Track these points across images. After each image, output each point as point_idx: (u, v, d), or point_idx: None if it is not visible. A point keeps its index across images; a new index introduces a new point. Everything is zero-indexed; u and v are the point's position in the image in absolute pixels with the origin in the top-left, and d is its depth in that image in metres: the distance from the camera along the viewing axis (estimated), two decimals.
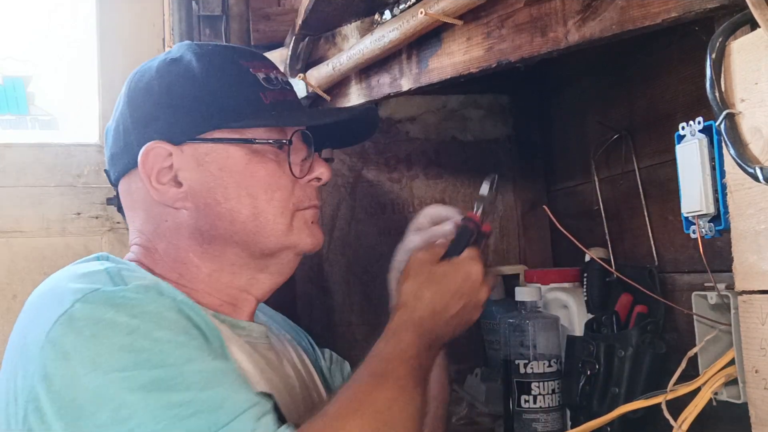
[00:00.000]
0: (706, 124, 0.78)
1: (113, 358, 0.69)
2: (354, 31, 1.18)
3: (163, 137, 0.87)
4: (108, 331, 0.71)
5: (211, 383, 0.70)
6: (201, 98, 0.87)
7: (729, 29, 0.68)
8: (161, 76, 0.90)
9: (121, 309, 0.72)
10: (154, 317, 0.73)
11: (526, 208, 1.55)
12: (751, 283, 0.69)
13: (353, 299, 1.45)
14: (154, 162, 0.87)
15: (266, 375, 0.86)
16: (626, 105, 1.21)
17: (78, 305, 0.72)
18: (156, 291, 0.77)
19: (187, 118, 0.87)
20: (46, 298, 0.78)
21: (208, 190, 0.87)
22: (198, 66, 0.89)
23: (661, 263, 1.12)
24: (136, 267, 0.86)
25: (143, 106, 0.89)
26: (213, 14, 1.44)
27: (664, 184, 1.10)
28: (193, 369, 0.70)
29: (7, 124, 1.52)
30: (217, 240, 0.88)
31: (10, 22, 1.49)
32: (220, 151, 0.87)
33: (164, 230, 0.89)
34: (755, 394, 0.70)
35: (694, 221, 0.79)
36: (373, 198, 1.48)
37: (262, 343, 0.92)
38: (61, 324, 0.72)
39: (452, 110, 1.54)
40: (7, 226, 1.38)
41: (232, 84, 0.88)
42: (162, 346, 0.71)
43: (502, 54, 0.91)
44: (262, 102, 0.89)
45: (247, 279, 0.91)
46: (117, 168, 0.92)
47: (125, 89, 0.93)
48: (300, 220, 0.90)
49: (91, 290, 0.74)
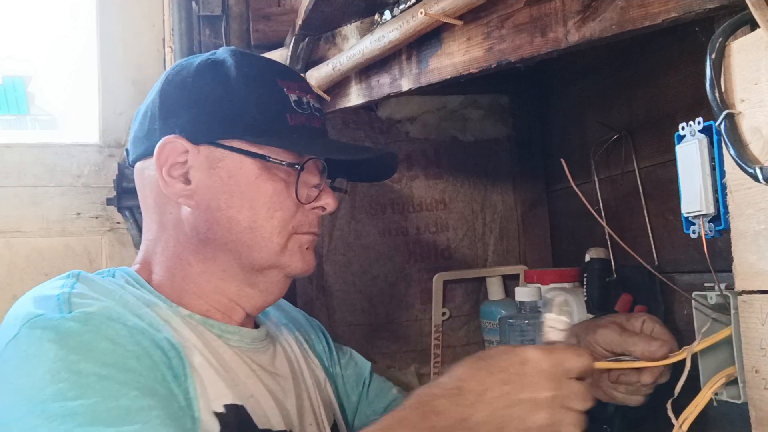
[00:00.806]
0: (706, 124, 0.78)
1: (36, 387, 0.70)
2: (354, 32, 1.18)
3: (184, 133, 0.89)
4: (36, 359, 0.72)
5: (122, 421, 0.70)
6: (228, 106, 0.89)
7: (729, 29, 0.68)
8: (198, 74, 0.91)
9: (52, 338, 0.73)
10: (82, 348, 0.73)
11: (526, 208, 1.55)
12: (751, 283, 0.69)
13: (353, 299, 1.45)
14: (169, 155, 0.89)
15: (245, 384, 0.86)
16: (626, 105, 1.21)
17: (24, 330, 0.74)
18: (103, 316, 0.76)
19: (210, 121, 0.89)
20: (9, 317, 0.80)
21: (214, 193, 0.88)
22: (235, 73, 0.90)
23: (661, 263, 1.12)
24: (107, 286, 0.85)
25: (173, 98, 0.91)
26: (213, 14, 1.44)
27: (664, 184, 1.10)
28: (108, 405, 0.70)
29: (7, 124, 1.52)
30: (212, 243, 0.90)
31: (10, 22, 1.49)
32: (234, 160, 0.88)
33: (167, 221, 0.92)
34: (755, 394, 0.70)
35: (694, 221, 0.79)
36: (373, 198, 1.48)
37: (254, 348, 0.92)
38: (9, 347, 0.74)
39: (452, 110, 1.54)
40: (7, 226, 1.38)
41: (261, 99, 0.90)
42: (83, 379, 0.71)
43: (502, 54, 0.91)
44: (287, 123, 0.90)
45: (236, 289, 0.92)
46: (137, 150, 0.94)
47: (162, 78, 0.95)
48: (295, 243, 0.91)
49: (35, 315, 0.75)
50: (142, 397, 0.72)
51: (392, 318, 1.47)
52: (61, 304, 0.78)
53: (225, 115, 0.89)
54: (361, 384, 1.10)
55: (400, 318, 1.47)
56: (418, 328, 1.48)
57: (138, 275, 0.91)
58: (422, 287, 1.48)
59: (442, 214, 1.51)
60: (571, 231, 1.46)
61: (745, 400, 0.72)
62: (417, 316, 1.48)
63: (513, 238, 1.55)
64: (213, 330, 0.89)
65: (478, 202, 1.53)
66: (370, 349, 1.42)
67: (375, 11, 1.12)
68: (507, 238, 1.54)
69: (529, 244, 1.55)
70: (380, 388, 1.11)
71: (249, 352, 0.91)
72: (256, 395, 0.87)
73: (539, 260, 1.53)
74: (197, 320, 0.88)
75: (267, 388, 0.89)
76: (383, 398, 1.10)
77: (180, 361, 0.80)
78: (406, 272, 1.48)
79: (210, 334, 0.88)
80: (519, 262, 1.53)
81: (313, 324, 1.12)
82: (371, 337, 1.46)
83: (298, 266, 0.92)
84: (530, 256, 1.54)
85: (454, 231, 1.52)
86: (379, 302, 1.46)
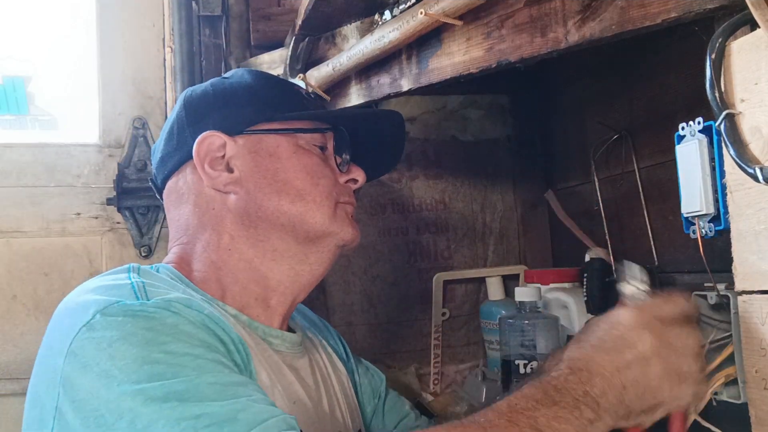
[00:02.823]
0: (706, 124, 0.78)
1: (129, 370, 0.70)
2: (354, 32, 1.18)
3: (219, 128, 0.93)
4: (124, 343, 0.72)
5: (226, 395, 0.70)
6: (253, 96, 0.96)
7: (729, 29, 0.68)
8: (215, 85, 0.98)
9: (138, 322, 0.73)
10: (170, 330, 0.74)
11: (526, 208, 1.55)
12: (751, 283, 0.69)
13: (353, 299, 1.45)
14: (209, 149, 0.92)
15: (290, 390, 0.87)
16: (626, 105, 1.21)
17: (98, 317, 0.74)
18: (180, 304, 0.77)
19: (240, 113, 0.94)
20: (70, 308, 0.79)
21: (259, 173, 0.92)
22: (249, 76, 0.99)
23: (661, 263, 1.12)
24: (166, 279, 0.87)
25: (198, 106, 0.96)
26: (213, 14, 1.44)
27: (664, 184, 1.10)
28: (207, 381, 0.70)
29: (7, 124, 1.52)
30: (263, 223, 0.92)
31: (10, 22, 1.49)
32: (271, 141, 0.94)
33: (210, 219, 0.93)
34: (755, 394, 0.70)
35: (694, 221, 0.79)
36: (373, 198, 1.48)
37: (293, 353, 0.93)
38: (82, 335, 0.73)
39: (452, 110, 1.54)
40: (7, 226, 1.38)
41: (279, 89, 0.99)
42: (177, 359, 0.71)
43: (502, 54, 0.91)
44: (305, 104, 0.99)
45: (287, 269, 0.93)
46: (167, 167, 0.96)
47: (180, 99, 1.00)
48: (342, 211, 0.95)
49: (112, 302, 0.75)
50: (236, 374, 0.74)
51: (392, 318, 1.47)
52: (137, 291, 0.78)
53: (251, 104, 0.94)
54: (376, 397, 1.10)
55: (400, 318, 1.47)
56: (418, 328, 1.48)
57: (178, 272, 0.91)
58: (422, 287, 1.48)
59: (442, 214, 1.51)
60: (571, 231, 1.46)
61: (745, 400, 0.72)
62: (417, 316, 1.48)
63: (513, 238, 1.55)
64: (257, 332, 0.89)
65: (478, 202, 1.53)
66: (369, 349, 1.42)
67: (375, 11, 1.12)
68: (507, 238, 1.54)
69: (529, 244, 1.55)
70: (394, 403, 1.12)
71: (289, 357, 0.92)
72: (299, 401, 0.87)
73: (539, 260, 1.53)
74: (243, 322, 0.89)
75: (308, 394, 0.90)
76: (397, 413, 1.11)
77: (246, 357, 0.81)
78: (406, 272, 1.48)
79: (256, 336, 0.88)
80: (519, 262, 1.53)
81: (331, 330, 1.13)
82: (371, 337, 1.46)
83: (349, 232, 0.95)
84: (530, 256, 1.54)
85: (454, 231, 1.51)
86: (379, 302, 1.46)
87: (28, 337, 1.35)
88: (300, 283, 0.94)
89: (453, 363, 1.49)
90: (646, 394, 0.75)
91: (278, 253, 0.92)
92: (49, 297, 1.37)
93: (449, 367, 1.48)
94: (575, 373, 0.74)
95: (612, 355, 0.75)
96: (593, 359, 0.75)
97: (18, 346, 1.35)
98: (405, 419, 1.10)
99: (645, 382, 0.74)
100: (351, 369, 1.09)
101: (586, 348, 0.77)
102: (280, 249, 0.92)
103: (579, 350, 0.77)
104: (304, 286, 0.95)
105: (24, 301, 1.37)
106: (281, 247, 0.92)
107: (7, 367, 1.34)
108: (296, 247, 0.93)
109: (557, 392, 0.72)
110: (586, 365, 0.75)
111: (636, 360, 0.75)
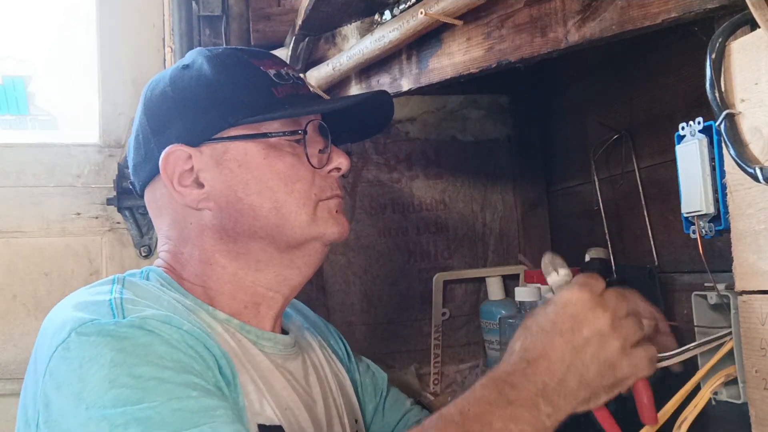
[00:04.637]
0: (706, 124, 0.78)
1: (95, 393, 0.70)
2: (354, 31, 1.18)
3: (182, 140, 0.88)
4: (94, 365, 0.71)
5: (188, 424, 0.69)
6: (214, 99, 0.89)
7: (729, 29, 0.68)
8: (174, 82, 0.91)
9: (110, 342, 0.72)
10: (141, 351, 0.72)
11: (526, 208, 1.55)
12: (751, 283, 0.69)
13: (353, 299, 1.45)
14: (175, 165, 0.88)
15: (280, 397, 0.86)
16: (626, 105, 1.21)
17: (73, 335, 0.73)
18: (158, 321, 0.76)
19: (202, 120, 0.88)
20: (54, 323, 0.78)
21: (229, 187, 0.88)
22: (209, 68, 0.90)
23: (661, 263, 1.12)
24: (155, 286, 0.86)
25: (160, 112, 0.91)
26: (213, 14, 1.44)
27: (664, 184, 1.10)
28: (172, 408, 0.69)
29: (7, 124, 1.53)
30: (242, 237, 0.89)
31: (10, 22, 1.49)
32: (238, 149, 0.88)
33: (189, 233, 0.90)
34: (755, 394, 0.70)
35: (694, 221, 0.79)
36: (373, 198, 1.48)
37: (286, 354, 0.92)
38: (58, 354, 0.73)
39: (452, 110, 1.54)
40: (7, 226, 1.38)
41: (243, 82, 0.90)
42: (143, 383, 0.70)
43: (502, 54, 0.91)
44: (275, 96, 0.90)
45: (273, 276, 0.91)
46: (141, 177, 0.94)
47: (142, 100, 0.94)
48: (324, 210, 0.91)
49: (86, 321, 0.74)
50: (204, 398, 0.72)
51: (392, 318, 1.47)
52: (114, 308, 0.77)
53: (214, 109, 0.88)
54: (378, 395, 1.10)
55: (400, 318, 1.47)
56: (418, 328, 1.48)
57: (169, 277, 0.90)
58: (422, 287, 1.48)
59: (442, 214, 1.51)
60: (571, 231, 1.46)
61: (745, 400, 0.72)
62: (417, 316, 1.48)
63: (513, 238, 1.55)
64: (249, 336, 0.88)
65: (478, 202, 1.53)
66: (369, 349, 1.42)
67: (375, 11, 1.12)
68: (507, 238, 1.54)
69: (529, 244, 1.55)
70: (395, 400, 1.11)
71: (282, 359, 0.91)
72: (292, 406, 0.87)
73: (539, 260, 1.53)
74: (235, 326, 0.88)
75: (301, 398, 0.89)
76: (398, 410, 1.10)
77: (230, 370, 0.79)
78: (406, 272, 1.48)
79: (247, 342, 0.87)
80: (519, 262, 1.53)
81: (330, 329, 1.12)
82: (371, 337, 1.46)
83: (334, 231, 0.91)
84: (530, 256, 1.54)
85: (454, 231, 1.51)
86: (379, 302, 1.46)
87: (28, 337, 1.35)
88: (290, 286, 0.93)
89: (453, 363, 1.49)
90: (607, 370, 0.73)
91: (262, 263, 0.90)
92: (49, 297, 1.37)
93: (449, 367, 1.48)
94: (531, 364, 0.72)
95: (568, 336, 0.73)
96: (549, 344, 0.73)
97: (18, 346, 1.35)
98: (407, 415, 1.09)
99: (605, 358, 0.73)
100: (352, 368, 1.08)
101: (540, 335, 0.74)
102: (263, 259, 0.90)
103: (533, 338, 0.74)
104: (295, 287, 0.94)
105: (24, 301, 1.37)
106: (264, 258, 0.90)
107: (7, 367, 1.34)
108: (280, 256, 0.90)
109: (513, 389, 0.71)
110: (543, 352, 0.73)
111: (594, 336, 0.73)
